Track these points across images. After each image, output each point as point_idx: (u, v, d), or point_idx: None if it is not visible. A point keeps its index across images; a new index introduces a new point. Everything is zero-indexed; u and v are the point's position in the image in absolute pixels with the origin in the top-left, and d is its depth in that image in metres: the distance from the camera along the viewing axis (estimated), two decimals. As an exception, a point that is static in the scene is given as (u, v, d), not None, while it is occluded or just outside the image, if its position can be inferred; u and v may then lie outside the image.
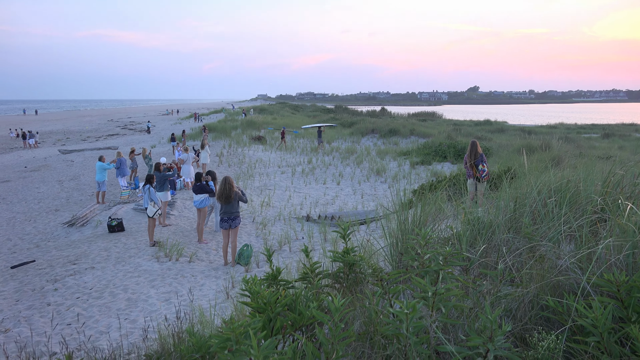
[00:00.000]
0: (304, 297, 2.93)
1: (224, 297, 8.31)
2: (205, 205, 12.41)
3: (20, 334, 7.54)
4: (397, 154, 27.00)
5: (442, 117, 62.43)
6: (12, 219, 16.70)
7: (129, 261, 10.78)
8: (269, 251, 3.56)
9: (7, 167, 29.57)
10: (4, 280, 10.29)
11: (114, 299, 8.64)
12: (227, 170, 22.57)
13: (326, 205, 16.44)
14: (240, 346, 1.96)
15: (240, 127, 42.77)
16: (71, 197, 19.43)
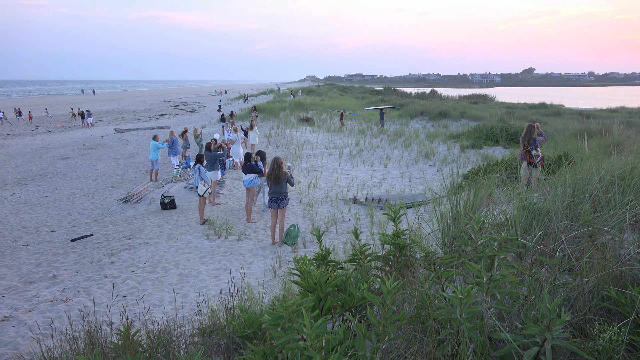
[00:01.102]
0: (354, 278, 2.93)
1: (271, 275, 8.45)
2: (254, 185, 12.59)
3: (80, 303, 7.93)
4: (447, 137, 26.48)
5: (494, 99, 60.58)
6: (72, 194, 17.51)
7: (180, 238, 11.11)
8: (318, 232, 3.56)
9: (67, 145, 30.94)
10: (64, 253, 10.83)
11: (166, 274, 8.94)
12: (275, 151, 22.78)
13: (373, 187, 16.37)
14: (293, 324, 1.98)
15: (289, 108, 42.96)
16: (126, 175, 20.14)
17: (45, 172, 22.20)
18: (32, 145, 32.10)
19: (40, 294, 8.50)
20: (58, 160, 25.26)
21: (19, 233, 13.08)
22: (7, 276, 9.73)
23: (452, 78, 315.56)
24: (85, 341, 3.15)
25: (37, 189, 18.93)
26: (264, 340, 2.71)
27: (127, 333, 2.85)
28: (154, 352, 2.77)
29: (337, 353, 1.85)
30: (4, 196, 18.00)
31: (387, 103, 49.38)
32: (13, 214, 15.35)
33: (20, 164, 24.93)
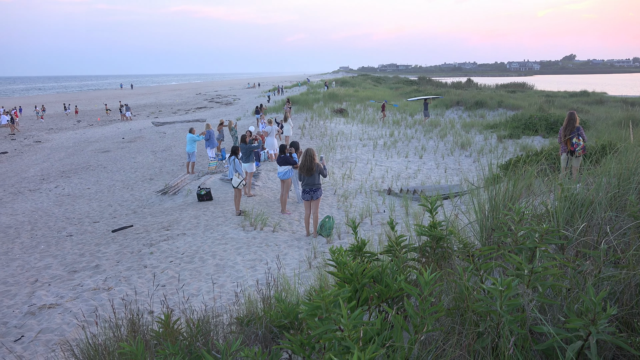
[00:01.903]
0: (390, 269, 2.91)
1: (306, 266, 8.50)
2: (288, 177, 12.66)
3: (121, 292, 8.17)
4: (484, 127, 25.98)
5: (533, 88, 58.96)
6: (112, 186, 18.00)
7: (216, 229, 11.28)
8: (354, 223, 3.55)
9: (107, 138, 31.79)
10: (106, 243, 11.16)
11: (204, 264, 9.11)
12: (309, 143, 22.83)
13: (408, 179, 16.23)
14: (330, 314, 1.99)
15: (323, 99, 42.93)
16: (164, 167, 20.57)
17: (87, 165, 22.89)
18: (74, 139, 33.12)
19: (84, 283, 8.80)
20: (99, 154, 26.00)
21: (63, 224, 13.55)
22: (53, 265, 10.10)
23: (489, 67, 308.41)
24: (127, 328, 3.24)
25: (80, 181, 19.54)
26: (301, 330, 2.73)
27: (168, 321, 2.91)
28: (194, 340, 2.83)
29: (374, 344, 1.85)
30: (49, 188, 18.65)
31: (422, 93, 48.74)
32: (57, 205, 15.90)
33: (63, 157, 25.78)
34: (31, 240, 12.26)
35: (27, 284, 9.25)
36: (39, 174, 21.85)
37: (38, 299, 8.34)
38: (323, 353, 2.07)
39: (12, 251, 11.52)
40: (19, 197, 17.61)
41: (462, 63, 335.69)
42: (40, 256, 10.87)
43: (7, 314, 7.94)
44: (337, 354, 1.89)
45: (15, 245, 11.95)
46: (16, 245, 11.95)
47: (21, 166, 24.25)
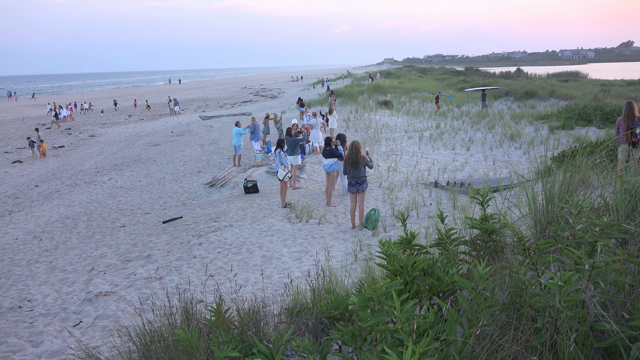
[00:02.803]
0: (441, 262, 2.87)
1: (352, 259, 8.49)
2: (334, 169, 12.67)
3: (172, 281, 8.42)
4: (534, 118, 25.16)
5: (587, 76, 56.59)
6: (162, 179, 18.53)
7: (263, 221, 11.43)
8: (403, 215, 3.52)
9: (157, 132, 32.72)
10: (157, 234, 11.51)
11: (251, 255, 9.26)
12: (353, 135, 22.75)
13: (455, 171, 15.94)
14: (382, 307, 1.97)
15: (367, 92, 42.65)
16: (211, 160, 20.99)
17: (138, 158, 23.64)
18: (126, 133, 34.25)
19: (137, 272, 9.11)
20: (149, 147, 26.79)
21: (117, 215, 14.06)
22: (108, 255, 10.51)
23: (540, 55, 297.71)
24: (181, 316, 3.33)
25: (131, 174, 20.21)
26: (351, 321, 2.73)
27: (220, 310, 2.98)
28: (245, 329, 2.88)
29: (428, 337, 1.82)
30: (103, 181, 19.39)
31: (470, 83, 47.65)
32: (111, 197, 16.51)
33: (115, 151, 26.72)
34: (87, 230, 12.79)
35: (84, 272, 9.67)
36: (94, 167, 22.74)
37: (94, 287, 8.70)
38: (375, 345, 2.06)
39: (70, 240, 12.05)
40: (76, 189, 18.39)
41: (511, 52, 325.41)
42: (95, 245, 11.33)
43: (67, 300, 8.33)
44: (389, 347, 1.88)
45: (72, 235, 12.50)
46: (74, 235, 12.49)
47: (77, 159, 25.31)
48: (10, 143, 31.79)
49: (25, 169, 23.65)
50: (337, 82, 76.34)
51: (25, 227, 13.91)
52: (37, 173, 22.47)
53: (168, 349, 2.88)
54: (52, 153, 27.79)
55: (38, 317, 7.79)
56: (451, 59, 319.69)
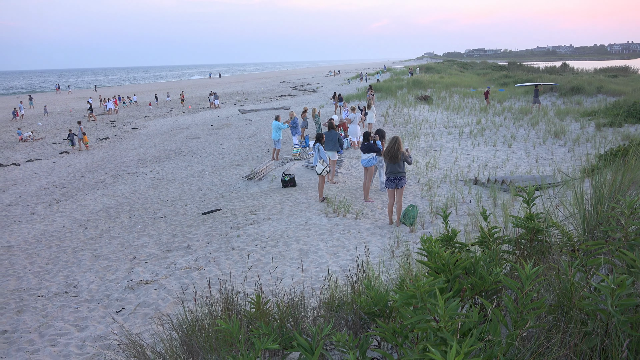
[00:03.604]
0: (484, 261, 2.81)
1: (389, 255, 8.43)
2: (372, 164, 12.59)
3: (211, 272, 8.56)
4: (580, 114, 24.34)
5: (637, 72, 54.33)
6: (202, 171, 18.86)
7: (300, 215, 11.48)
8: (445, 212, 3.46)
9: (197, 125, 33.30)
10: (196, 225, 11.72)
11: (288, 249, 9.31)
12: (392, 131, 22.56)
13: (496, 168, 15.60)
14: (425, 304, 1.94)
15: (406, 86, 42.20)
16: (250, 153, 21.22)
17: (179, 151, 24.13)
18: (167, 125, 35.00)
19: (177, 262, 9.31)
20: (190, 140, 27.29)
21: (158, 206, 14.39)
22: (149, 244, 10.77)
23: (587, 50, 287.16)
24: (222, 307, 3.38)
25: (172, 166, 20.64)
26: (390, 318, 2.70)
27: (259, 302, 3.00)
28: (284, 322, 2.90)
29: (472, 337, 1.78)
30: (145, 172, 19.88)
31: (513, 79, 46.46)
32: (152, 188, 16.91)
33: (157, 143, 27.34)
34: (130, 220, 13.15)
35: (126, 260, 9.95)
36: (136, 158, 23.34)
37: (136, 275, 8.94)
38: (416, 343, 2.03)
39: (114, 230, 12.42)
40: (119, 180, 18.93)
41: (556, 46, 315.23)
42: (137, 235, 11.64)
43: (110, 287, 8.59)
44: (432, 345, 1.85)
45: (116, 225, 12.88)
46: (117, 225, 12.87)
47: (121, 151, 26.04)
48: (58, 134, 32.98)
49: (72, 160, 24.49)
50: (376, 76, 75.84)
51: (71, 216, 14.42)
52: (83, 164, 23.23)
53: (209, 339, 2.93)
54: (97, 145, 28.67)
55: (83, 302, 8.07)
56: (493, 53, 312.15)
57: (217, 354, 2.77)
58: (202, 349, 2.97)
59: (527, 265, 2.10)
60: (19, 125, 36.48)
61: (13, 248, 11.84)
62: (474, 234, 8.29)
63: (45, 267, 10.21)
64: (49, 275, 9.64)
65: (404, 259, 7.20)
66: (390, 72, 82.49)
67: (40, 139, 31.15)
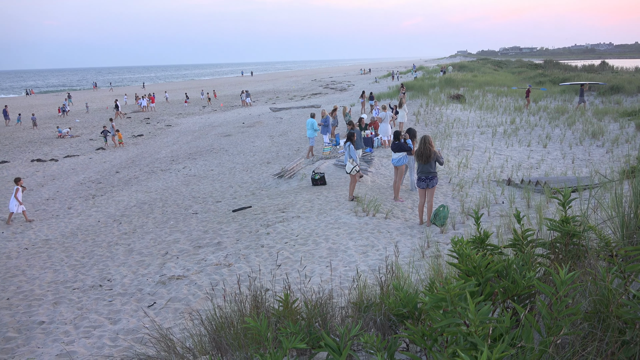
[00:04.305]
0: (516, 264, 2.74)
1: (419, 255, 8.35)
2: (402, 164, 12.49)
3: (240, 269, 8.64)
4: (620, 114, 23.59)
5: (681, 70, 52.33)
6: (233, 168, 19.06)
7: (329, 213, 11.48)
8: (477, 213, 3.40)
9: (229, 123, 33.66)
10: (227, 222, 11.85)
11: (317, 247, 9.32)
12: (423, 130, 22.33)
13: (530, 169, 15.27)
14: (456, 307, 1.91)
15: (438, 85, 41.70)
16: (280, 151, 21.33)
17: (210, 148, 24.44)
18: (200, 123, 35.49)
19: (207, 258, 9.43)
20: (221, 137, 27.61)
21: (190, 202, 14.61)
22: (181, 240, 10.95)
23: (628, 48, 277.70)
24: (250, 304, 3.40)
25: (204, 163, 20.93)
26: (419, 320, 2.67)
27: (287, 301, 3.01)
28: (312, 321, 2.89)
29: (504, 343, 1.74)
30: (177, 169, 20.22)
31: (549, 77, 45.38)
32: (185, 185, 17.18)
33: (190, 140, 27.76)
34: (162, 216, 13.39)
35: (158, 255, 10.14)
36: (169, 155, 23.75)
37: (168, 270, 9.10)
38: (445, 347, 2.00)
39: (147, 225, 12.67)
40: (152, 176, 19.30)
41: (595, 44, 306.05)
42: (170, 231, 11.84)
43: (142, 281, 8.76)
44: (462, 350, 1.81)
45: (149, 220, 13.13)
46: (150, 220, 13.12)
47: (154, 148, 26.54)
48: (94, 131, 33.85)
49: (108, 156, 25.09)
50: (407, 75, 75.18)
51: (106, 211, 14.77)
52: (118, 160, 23.78)
53: (237, 336, 2.95)
54: (131, 141, 29.30)
55: (116, 296, 8.26)
56: (529, 51, 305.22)
57: (245, 352, 2.79)
58: (230, 346, 2.99)
59: (562, 270, 2.04)
60: (64, 122, 37.78)
61: (51, 241, 12.21)
62: (507, 236, 8.13)
63: (81, 260, 10.50)
64: (85, 269, 9.90)
65: (434, 259, 7.12)
66: (422, 70, 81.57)
67: (77, 136, 32.02)
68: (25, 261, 10.82)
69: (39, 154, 26.33)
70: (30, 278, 9.69)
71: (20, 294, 8.89)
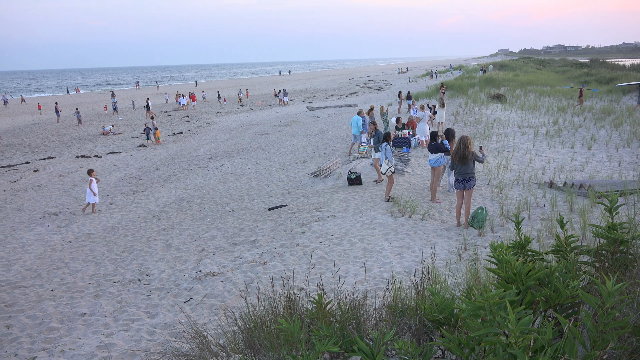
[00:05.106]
0: (559, 272, 2.64)
1: (456, 258, 8.19)
2: (440, 165, 12.30)
3: (275, 267, 8.68)
4: (671, 115, 22.59)
5: None
6: (269, 167, 19.19)
7: (365, 213, 11.40)
8: (517, 217, 3.29)
9: (266, 122, 33.94)
10: (263, 220, 11.93)
11: (352, 247, 9.27)
12: (462, 130, 21.93)
13: (573, 171, 14.77)
14: (495, 317, 1.84)
15: (478, 84, 40.92)
16: (317, 150, 21.35)
17: (248, 146, 24.69)
18: (238, 121, 35.91)
19: (243, 256, 9.52)
20: (258, 136, 27.86)
21: (227, 200, 14.79)
22: (217, 237, 11.09)
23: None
24: (284, 304, 3.39)
25: (241, 161, 21.15)
26: (455, 327, 2.60)
27: (321, 302, 2.98)
28: (345, 324, 2.86)
29: (545, 355, 1.67)
30: (215, 167, 20.50)
31: (595, 77, 43.87)
32: (222, 182, 17.41)
33: (228, 139, 28.12)
34: (200, 213, 13.60)
35: (195, 252, 10.29)
36: (208, 153, 24.12)
37: (204, 266, 9.23)
38: (483, 357, 1.93)
39: (184, 222, 12.89)
40: (191, 174, 19.64)
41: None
42: (207, 228, 12.01)
43: (179, 277, 8.92)
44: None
45: (187, 217, 13.36)
46: (187, 217, 13.35)
47: (193, 145, 27.00)
48: (136, 128, 34.73)
49: (148, 153, 25.69)
50: (446, 74, 74.09)
51: (146, 207, 15.11)
52: (158, 157, 24.30)
53: (270, 336, 2.95)
54: (171, 139, 29.90)
55: (154, 290, 8.43)
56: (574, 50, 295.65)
57: (278, 353, 2.78)
58: (263, 346, 2.99)
59: (610, 280, 1.94)
60: (112, 120, 39.09)
61: (93, 235, 12.57)
62: (548, 241, 7.89)
63: (121, 254, 10.77)
64: (124, 263, 10.14)
65: (471, 263, 6.97)
66: (461, 69, 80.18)
67: (120, 133, 32.91)
68: (68, 254, 11.19)
69: (84, 150, 27.20)
70: (73, 270, 10.00)
71: (63, 285, 9.19)
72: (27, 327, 7.56)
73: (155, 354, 6.01)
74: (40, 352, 6.71)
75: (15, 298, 8.79)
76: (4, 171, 22.66)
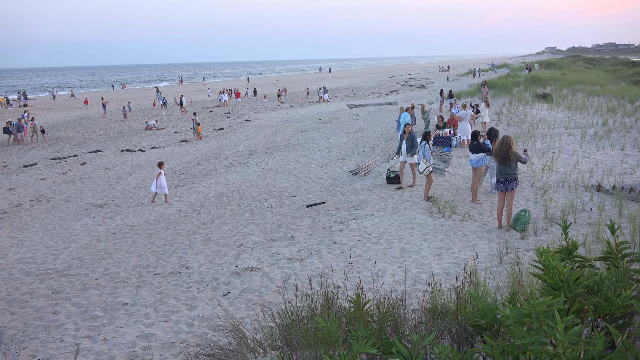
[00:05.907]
0: (609, 280, 2.52)
1: (497, 261, 8.00)
2: (481, 165, 12.03)
3: (312, 264, 8.69)
4: None
5: None
6: (308, 164, 19.24)
7: (404, 213, 11.28)
8: (565, 221, 3.16)
9: (306, 119, 34.05)
10: (301, 217, 11.97)
11: (390, 247, 9.18)
12: (505, 130, 21.40)
13: (623, 174, 14.18)
14: (542, 325, 1.77)
15: (523, 83, 39.84)
16: (355, 148, 21.26)
17: (287, 143, 24.83)
18: (278, 118, 36.18)
19: (280, 252, 9.57)
20: (298, 133, 27.98)
21: (265, 196, 14.92)
22: (256, 233, 11.19)
23: None
24: (321, 303, 3.38)
25: (281, 157, 21.29)
26: (497, 333, 2.52)
27: (359, 302, 2.95)
28: (383, 325, 2.82)
29: (596, 368, 1.59)
30: (255, 163, 20.71)
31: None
32: (261, 178, 17.57)
33: (267, 135, 28.36)
34: (239, 208, 13.77)
35: (234, 246, 10.42)
36: (248, 149, 24.40)
37: (242, 261, 9.33)
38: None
39: (224, 216, 13.08)
40: (231, 169, 19.91)
41: None
42: (245, 223, 12.14)
43: (218, 271, 9.05)
44: (547, 372, 1.67)
45: (226, 211, 13.55)
46: (227, 212, 13.53)
47: (234, 141, 27.37)
48: (179, 124, 35.48)
49: (190, 148, 26.20)
50: (490, 72, 72.49)
51: (187, 201, 15.42)
52: (200, 152, 24.75)
53: (307, 335, 2.94)
54: (212, 135, 30.39)
55: (193, 283, 8.58)
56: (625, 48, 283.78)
57: (315, 351, 2.76)
58: (300, 344, 2.98)
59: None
60: (161, 115, 40.27)
61: (136, 227, 12.91)
62: (595, 246, 7.60)
63: (162, 247, 11.01)
64: (165, 255, 10.37)
65: (513, 267, 6.79)
66: (505, 67, 78.19)
67: (163, 128, 33.69)
68: (112, 245, 11.53)
69: (129, 144, 27.97)
70: (117, 261, 10.30)
71: (107, 275, 9.47)
72: (73, 314, 7.84)
73: (193, 346, 6.12)
74: (84, 339, 6.93)
75: (62, 286, 9.13)
76: (55, 163, 23.57)
